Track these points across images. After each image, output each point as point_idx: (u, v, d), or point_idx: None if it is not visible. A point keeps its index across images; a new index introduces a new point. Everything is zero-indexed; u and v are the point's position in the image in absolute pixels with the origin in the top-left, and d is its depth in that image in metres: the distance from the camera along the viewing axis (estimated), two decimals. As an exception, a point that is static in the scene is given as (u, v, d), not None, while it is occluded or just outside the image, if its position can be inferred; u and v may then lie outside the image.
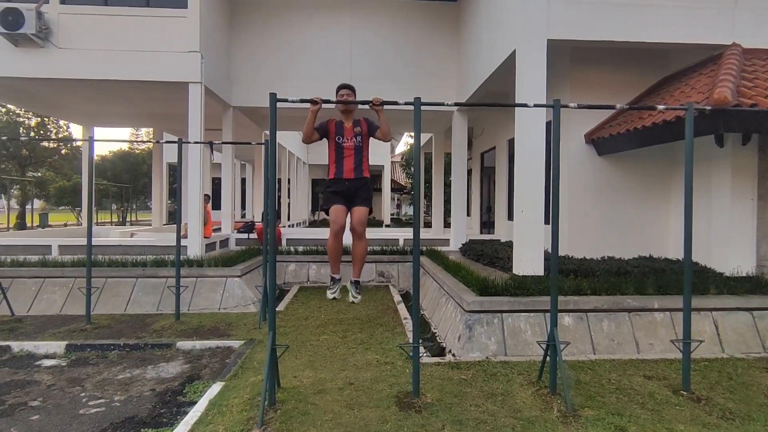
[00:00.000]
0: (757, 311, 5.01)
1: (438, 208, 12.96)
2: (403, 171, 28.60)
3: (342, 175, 3.69)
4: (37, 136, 21.60)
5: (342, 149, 3.68)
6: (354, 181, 3.72)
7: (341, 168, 3.69)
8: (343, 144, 3.68)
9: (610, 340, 4.82)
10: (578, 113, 6.89)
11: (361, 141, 3.72)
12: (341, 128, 3.72)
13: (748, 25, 6.13)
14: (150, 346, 5.09)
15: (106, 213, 26.46)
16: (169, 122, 12.96)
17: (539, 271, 5.74)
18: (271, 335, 3.52)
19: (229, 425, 3.22)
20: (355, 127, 3.72)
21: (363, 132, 3.74)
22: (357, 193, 3.77)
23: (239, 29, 9.75)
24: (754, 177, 5.86)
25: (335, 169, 3.71)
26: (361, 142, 3.72)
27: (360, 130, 3.73)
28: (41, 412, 3.58)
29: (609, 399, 3.65)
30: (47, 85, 8.76)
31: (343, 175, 3.68)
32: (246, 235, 10.36)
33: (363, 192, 3.79)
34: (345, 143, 3.67)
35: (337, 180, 3.74)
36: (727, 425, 3.24)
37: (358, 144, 3.70)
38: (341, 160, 3.68)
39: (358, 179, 3.73)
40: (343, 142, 3.68)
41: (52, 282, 6.98)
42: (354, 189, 3.75)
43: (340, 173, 3.69)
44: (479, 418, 3.34)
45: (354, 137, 3.69)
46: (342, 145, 3.68)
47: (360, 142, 3.71)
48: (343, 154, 3.68)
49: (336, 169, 3.71)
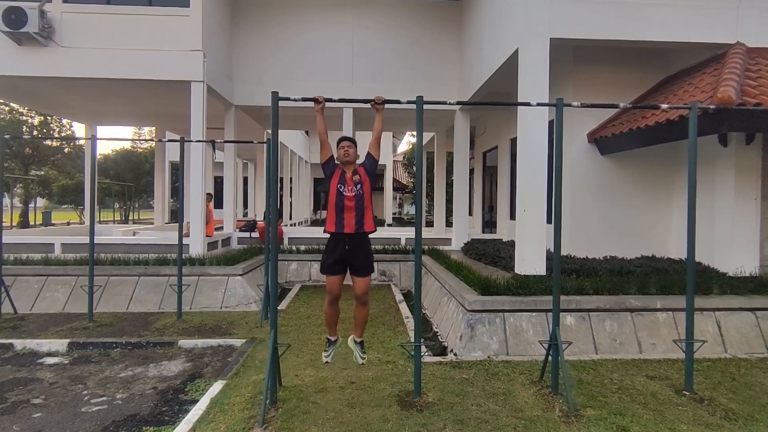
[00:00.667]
0: (761, 311, 4.99)
1: (440, 208, 12.95)
2: (405, 170, 28.57)
3: (342, 230, 3.58)
4: (40, 134, 21.67)
5: (343, 198, 3.59)
6: (354, 237, 3.61)
7: (341, 222, 3.59)
8: (344, 193, 3.60)
9: (612, 339, 4.81)
10: (581, 113, 6.87)
11: (362, 189, 3.62)
12: (344, 177, 3.64)
13: (752, 23, 6.09)
14: (152, 345, 5.10)
15: (109, 212, 26.52)
16: (172, 121, 12.97)
17: (541, 271, 5.73)
18: (273, 334, 3.52)
19: (230, 423, 3.22)
20: (354, 176, 3.64)
21: (363, 179, 3.65)
22: (357, 254, 3.66)
23: (241, 29, 9.75)
24: (757, 177, 5.83)
25: (335, 222, 3.60)
26: (361, 189, 3.62)
27: (359, 178, 3.64)
28: (43, 409, 3.59)
29: (611, 399, 3.64)
30: (50, 83, 8.78)
31: (343, 229, 3.58)
32: (248, 233, 10.37)
33: (363, 253, 3.69)
34: (346, 193, 3.59)
35: (337, 236, 3.64)
36: (730, 426, 3.23)
37: (359, 193, 3.61)
38: (341, 211, 3.59)
39: (359, 234, 3.62)
40: (344, 191, 3.60)
41: (54, 280, 7.00)
42: (354, 247, 3.64)
43: (340, 227, 3.58)
44: (481, 417, 3.33)
45: (354, 186, 3.61)
46: (343, 194, 3.60)
47: (361, 190, 3.62)
48: (343, 205, 3.59)
49: (336, 222, 3.60)
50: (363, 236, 3.65)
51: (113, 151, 28.88)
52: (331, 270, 3.65)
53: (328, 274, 3.68)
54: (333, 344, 3.90)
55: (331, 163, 3.70)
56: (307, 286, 8.71)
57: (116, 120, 13.03)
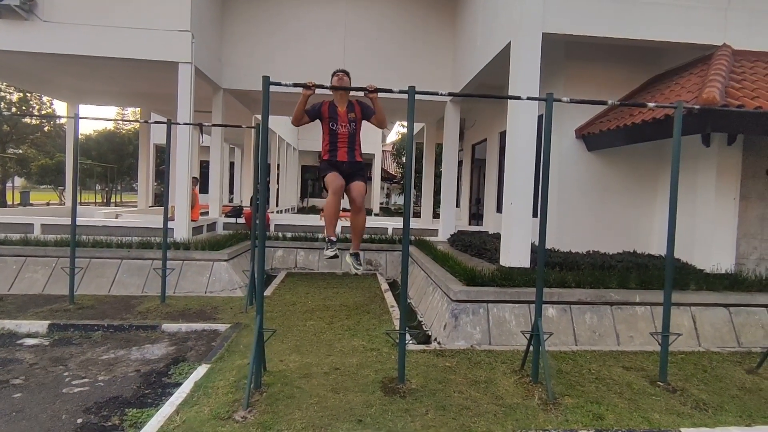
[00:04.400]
0: (734, 307, 5.17)
1: (427, 198, 12.99)
2: (393, 160, 28.52)
3: (336, 158, 3.79)
4: (19, 111, 20.99)
5: (336, 135, 3.75)
6: (348, 163, 3.84)
7: (335, 153, 3.79)
8: (337, 130, 3.73)
9: (592, 331, 4.93)
10: (570, 108, 6.93)
11: (355, 127, 3.76)
12: (335, 113, 3.73)
13: (740, 25, 6.20)
14: (135, 328, 5.06)
15: (90, 193, 25.91)
16: (158, 102, 12.70)
17: (526, 263, 5.81)
18: (259, 319, 3.53)
19: (214, 406, 3.23)
20: (350, 113, 3.73)
21: (357, 117, 3.77)
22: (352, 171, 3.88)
23: (232, 11, 9.55)
24: (737, 177, 5.99)
25: (329, 154, 3.80)
26: (354, 128, 3.76)
27: (354, 115, 3.75)
28: (24, 390, 3.55)
29: (588, 388, 3.75)
30: (31, 59, 8.49)
31: (337, 158, 3.78)
32: (234, 219, 10.28)
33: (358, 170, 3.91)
34: (339, 129, 3.73)
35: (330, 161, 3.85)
36: (700, 415, 3.36)
37: (352, 130, 3.76)
38: (335, 145, 3.78)
39: (352, 162, 3.84)
40: (336, 129, 3.73)
41: (34, 261, 6.86)
42: (348, 168, 3.86)
43: (334, 157, 3.79)
44: (462, 404, 3.40)
45: (348, 123, 3.73)
46: (336, 131, 3.74)
47: (354, 128, 3.76)
48: (337, 140, 3.76)
49: (330, 155, 3.80)
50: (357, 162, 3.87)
51: (95, 132, 28.17)
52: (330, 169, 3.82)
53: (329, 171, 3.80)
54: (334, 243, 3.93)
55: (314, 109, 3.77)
56: (292, 273, 8.70)
57: (100, 99, 12.70)
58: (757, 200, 6.04)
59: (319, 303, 6.43)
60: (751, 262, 6.03)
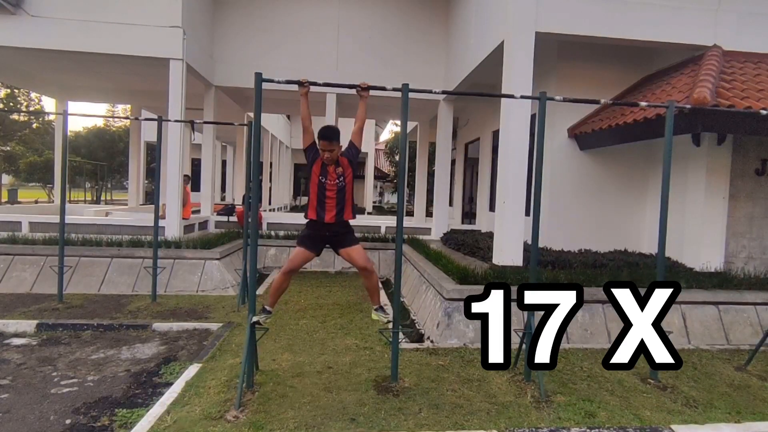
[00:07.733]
0: (723, 305, 5.23)
1: (420, 197, 12.99)
2: (386, 159, 28.49)
3: (323, 220, 3.54)
4: (6, 108, 20.66)
5: (324, 190, 3.52)
6: (335, 225, 3.58)
7: (322, 213, 3.53)
8: (326, 185, 3.53)
9: (583, 330, 4.96)
10: (563, 108, 6.96)
11: (344, 181, 3.57)
12: (325, 169, 3.56)
13: (730, 26, 6.27)
14: (125, 327, 5.00)
15: (80, 191, 25.57)
16: (148, 99, 12.56)
17: (518, 262, 5.84)
18: (251, 317, 3.50)
19: (206, 406, 3.20)
20: (337, 168, 3.57)
21: (345, 172, 3.58)
22: (339, 236, 3.62)
23: (224, 7, 9.46)
24: (727, 176, 6.05)
25: (316, 212, 3.54)
26: (344, 182, 3.56)
27: (342, 170, 3.58)
28: (11, 390, 3.49)
29: (580, 386, 3.77)
30: (18, 54, 8.35)
31: (324, 220, 3.54)
32: (226, 217, 10.21)
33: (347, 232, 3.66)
34: (328, 183, 3.52)
35: (315, 223, 3.59)
36: (690, 412, 3.39)
37: (341, 185, 3.55)
38: (323, 202, 3.52)
39: (340, 223, 3.59)
40: (325, 183, 3.53)
41: (21, 259, 6.76)
42: (335, 233, 3.61)
43: (321, 218, 3.54)
44: (455, 402, 3.41)
45: (337, 178, 3.55)
46: (324, 186, 3.53)
47: (343, 182, 3.56)
48: (325, 197, 3.51)
49: (317, 213, 3.54)
50: (343, 223, 3.64)
51: (85, 129, 27.82)
52: (306, 243, 3.58)
53: (302, 246, 3.59)
54: (269, 314, 3.76)
55: (314, 148, 3.63)
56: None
57: (89, 96, 12.54)
58: (746, 200, 6.11)
59: (312, 302, 6.41)
60: (740, 261, 6.11)
